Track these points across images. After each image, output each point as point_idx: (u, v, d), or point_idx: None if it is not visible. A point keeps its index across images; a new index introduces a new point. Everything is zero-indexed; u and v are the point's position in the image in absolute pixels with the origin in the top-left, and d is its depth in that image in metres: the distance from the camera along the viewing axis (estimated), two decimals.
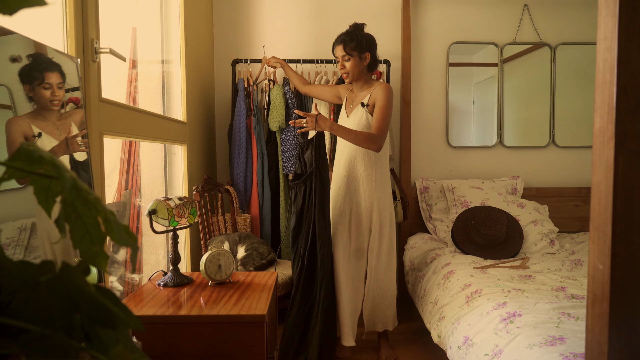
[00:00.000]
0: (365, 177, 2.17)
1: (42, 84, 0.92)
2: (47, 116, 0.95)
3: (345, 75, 2.18)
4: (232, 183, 2.82)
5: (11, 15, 0.38)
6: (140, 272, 2.05)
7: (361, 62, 2.17)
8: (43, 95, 0.92)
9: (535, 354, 1.36)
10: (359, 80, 2.23)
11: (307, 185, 2.08)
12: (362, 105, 2.17)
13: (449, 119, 3.21)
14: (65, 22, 1.29)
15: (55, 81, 0.96)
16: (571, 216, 3.14)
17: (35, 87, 0.91)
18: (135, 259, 0.42)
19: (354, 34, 2.14)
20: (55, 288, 0.37)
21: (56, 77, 0.96)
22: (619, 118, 0.63)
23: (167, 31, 2.36)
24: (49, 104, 0.94)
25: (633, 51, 0.62)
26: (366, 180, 2.17)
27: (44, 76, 0.93)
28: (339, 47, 2.16)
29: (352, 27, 2.18)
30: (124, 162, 1.93)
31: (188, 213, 1.66)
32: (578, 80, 3.21)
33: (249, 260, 2.31)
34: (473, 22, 3.18)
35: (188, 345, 1.32)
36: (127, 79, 1.98)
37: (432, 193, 3.04)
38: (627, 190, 0.63)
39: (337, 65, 2.20)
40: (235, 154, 2.81)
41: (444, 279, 2.25)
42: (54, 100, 0.95)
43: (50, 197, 0.41)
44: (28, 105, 0.92)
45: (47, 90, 0.93)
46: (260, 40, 3.11)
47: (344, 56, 2.15)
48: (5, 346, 0.34)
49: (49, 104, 0.94)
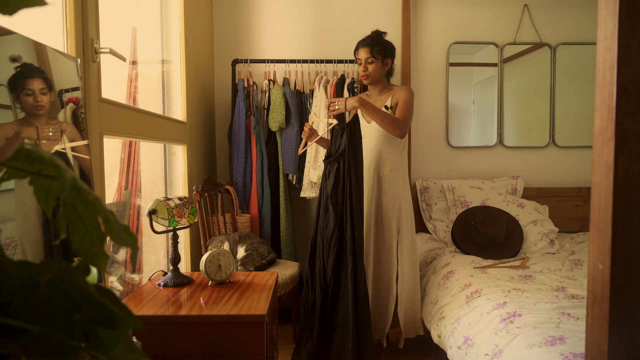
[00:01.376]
0: (392, 177, 2.20)
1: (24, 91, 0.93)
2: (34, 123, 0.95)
3: (365, 77, 2.21)
4: (232, 183, 2.82)
5: (11, 15, 0.38)
6: (140, 272, 2.05)
7: (383, 67, 2.22)
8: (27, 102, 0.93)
9: (535, 354, 1.36)
10: (377, 85, 2.26)
11: (341, 162, 2.04)
12: (385, 108, 2.20)
13: (449, 119, 3.21)
14: (65, 22, 1.29)
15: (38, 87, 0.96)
16: (571, 216, 3.14)
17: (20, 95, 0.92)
18: (135, 259, 0.42)
19: (379, 39, 2.19)
20: (55, 288, 0.37)
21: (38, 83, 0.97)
22: (619, 118, 0.62)
23: (167, 31, 2.36)
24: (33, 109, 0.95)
25: (633, 51, 0.62)
26: (393, 180, 2.20)
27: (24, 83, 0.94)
28: (364, 49, 2.19)
29: (375, 33, 2.22)
30: (124, 162, 1.93)
31: (188, 213, 1.66)
32: (578, 80, 3.21)
33: (249, 260, 2.31)
34: (473, 22, 3.18)
35: (188, 345, 1.32)
36: (127, 79, 1.98)
37: (432, 193, 3.04)
38: (627, 190, 0.63)
39: (359, 67, 2.23)
40: (235, 153, 2.81)
41: (444, 279, 2.25)
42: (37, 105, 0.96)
43: (50, 197, 0.41)
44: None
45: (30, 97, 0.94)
46: (260, 40, 3.11)
47: (368, 58, 2.18)
48: (5, 346, 0.34)
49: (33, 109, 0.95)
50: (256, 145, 2.82)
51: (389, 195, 2.20)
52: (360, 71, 2.22)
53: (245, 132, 2.80)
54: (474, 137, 3.30)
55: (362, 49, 2.21)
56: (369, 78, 2.21)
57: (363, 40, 2.22)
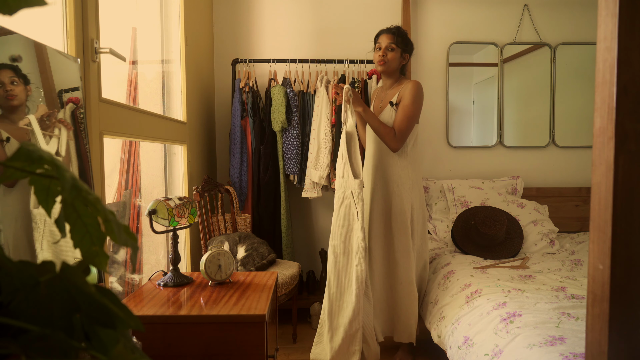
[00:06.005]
0: (403, 177, 2.17)
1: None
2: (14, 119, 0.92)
3: (383, 62, 2.16)
4: (231, 183, 2.82)
5: (11, 15, 0.38)
6: (140, 272, 2.05)
7: (401, 58, 2.19)
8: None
9: (535, 354, 1.36)
10: (390, 77, 2.23)
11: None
12: (390, 105, 2.18)
13: (449, 119, 3.21)
14: (65, 22, 1.29)
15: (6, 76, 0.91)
16: (571, 216, 3.14)
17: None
18: (135, 259, 0.42)
19: (403, 32, 2.19)
20: (55, 288, 0.37)
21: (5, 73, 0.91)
22: (619, 118, 0.62)
23: (167, 31, 2.36)
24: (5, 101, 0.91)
25: (633, 51, 0.62)
26: (401, 182, 2.16)
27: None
28: (388, 36, 2.16)
29: (399, 26, 2.21)
30: (124, 162, 1.93)
31: (188, 213, 1.66)
32: (578, 80, 3.21)
33: (249, 260, 2.31)
34: (473, 22, 3.18)
35: (188, 345, 1.32)
36: (127, 79, 1.98)
37: (432, 193, 3.04)
38: (627, 190, 0.63)
39: (376, 53, 2.18)
40: (231, 153, 2.82)
41: (444, 279, 2.25)
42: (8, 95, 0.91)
43: (50, 197, 0.41)
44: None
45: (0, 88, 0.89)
46: (260, 40, 3.11)
47: (389, 45, 2.15)
48: (5, 346, 0.34)
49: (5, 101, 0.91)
50: (252, 145, 2.82)
51: (402, 196, 2.15)
52: (377, 56, 2.17)
53: (241, 132, 2.79)
54: (474, 137, 3.30)
55: (385, 35, 2.17)
56: (385, 65, 2.16)
57: (387, 28, 2.20)
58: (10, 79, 0.91)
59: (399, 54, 2.17)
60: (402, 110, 2.11)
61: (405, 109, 2.11)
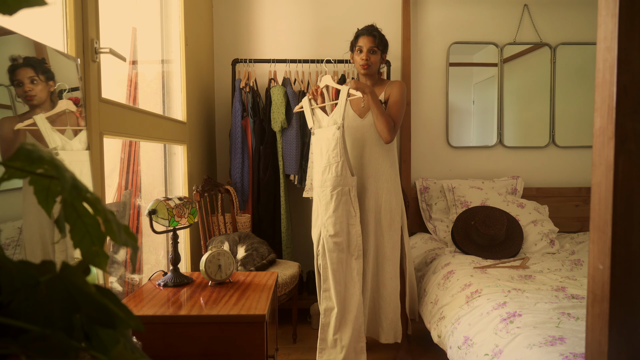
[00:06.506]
0: (390, 175, 2.18)
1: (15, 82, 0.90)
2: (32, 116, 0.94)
3: (367, 66, 2.15)
4: (231, 183, 2.82)
5: (11, 15, 0.38)
6: (140, 272, 2.05)
7: (381, 60, 2.20)
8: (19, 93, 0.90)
9: (535, 354, 1.36)
10: (371, 78, 2.22)
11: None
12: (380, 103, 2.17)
13: (449, 119, 3.21)
14: (65, 22, 1.29)
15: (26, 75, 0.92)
16: (571, 216, 3.14)
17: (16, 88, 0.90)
18: (135, 259, 0.42)
19: (380, 33, 2.18)
20: (55, 288, 0.37)
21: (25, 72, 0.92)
22: (619, 118, 0.63)
23: (167, 31, 2.36)
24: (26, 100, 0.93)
25: (633, 51, 0.62)
26: (390, 179, 2.18)
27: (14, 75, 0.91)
28: (369, 38, 2.13)
29: (374, 25, 2.19)
30: (124, 162, 1.93)
31: (188, 213, 1.66)
32: (578, 80, 3.21)
33: (249, 260, 2.31)
34: (473, 22, 3.18)
35: (188, 345, 1.32)
36: (127, 79, 1.98)
37: (432, 193, 3.04)
38: (627, 190, 0.63)
39: (358, 55, 2.16)
40: (233, 153, 2.82)
41: (444, 279, 2.25)
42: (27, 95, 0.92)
43: (50, 197, 0.41)
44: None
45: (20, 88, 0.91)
46: (260, 40, 3.11)
47: (372, 48, 2.13)
48: (5, 346, 0.34)
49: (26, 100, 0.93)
50: (252, 145, 2.82)
51: (390, 194, 2.17)
52: (360, 59, 2.15)
53: (241, 131, 2.79)
54: (474, 137, 3.30)
55: (366, 37, 2.14)
56: (370, 68, 2.16)
57: (365, 29, 2.17)
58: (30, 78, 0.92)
59: (380, 55, 2.17)
60: (394, 105, 2.13)
61: (398, 104, 2.13)
